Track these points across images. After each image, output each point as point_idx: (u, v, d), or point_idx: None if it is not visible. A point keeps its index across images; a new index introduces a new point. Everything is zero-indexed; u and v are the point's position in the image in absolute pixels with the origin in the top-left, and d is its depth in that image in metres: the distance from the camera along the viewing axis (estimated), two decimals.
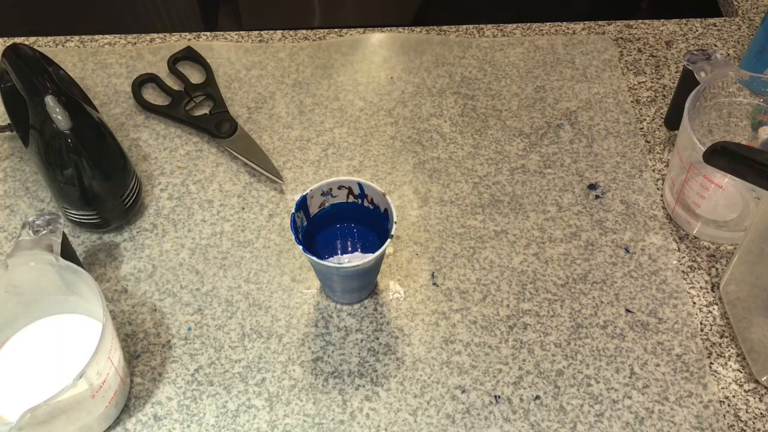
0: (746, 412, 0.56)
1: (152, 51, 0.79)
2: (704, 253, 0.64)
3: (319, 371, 0.58)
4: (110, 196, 0.63)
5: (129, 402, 0.56)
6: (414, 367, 0.58)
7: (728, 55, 0.79)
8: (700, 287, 0.62)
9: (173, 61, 0.78)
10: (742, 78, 0.63)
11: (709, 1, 0.87)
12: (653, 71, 0.78)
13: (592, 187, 0.68)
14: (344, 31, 0.81)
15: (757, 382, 0.57)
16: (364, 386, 0.57)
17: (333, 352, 0.59)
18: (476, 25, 0.82)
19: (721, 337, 0.60)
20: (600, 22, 0.83)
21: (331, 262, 0.54)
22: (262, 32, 0.81)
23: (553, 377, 0.57)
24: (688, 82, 0.64)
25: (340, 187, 0.59)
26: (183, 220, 0.67)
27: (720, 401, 0.56)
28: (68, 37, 0.81)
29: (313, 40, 0.80)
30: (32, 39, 0.81)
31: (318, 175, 0.69)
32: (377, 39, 0.81)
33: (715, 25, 0.82)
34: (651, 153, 0.71)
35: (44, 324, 0.58)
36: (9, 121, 0.69)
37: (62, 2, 0.89)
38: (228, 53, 0.79)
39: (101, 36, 0.81)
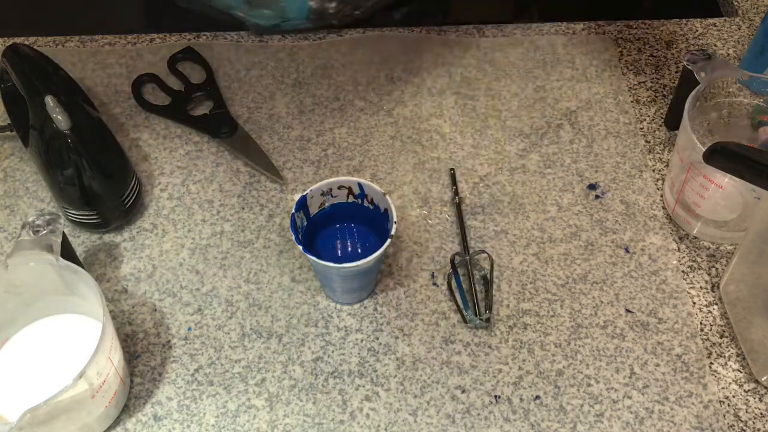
0: (746, 412, 0.56)
1: (152, 51, 0.79)
2: (704, 253, 0.64)
3: (319, 371, 0.58)
4: (110, 196, 0.63)
5: (129, 402, 0.56)
6: (414, 367, 0.58)
7: (728, 55, 0.79)
8: (700, 287, 0.62)
9: (173, 61, 0.78)
10: (742, 78, 0.63)
11: (709, 1, 0.87)
12: (653, 71, 0.78)
13: (592, 187, 0.69)
14: (344, 31, 0.81)
15: (757, 382, 0.57)
16: (364, 386, 0.57)
17: (333, 352, 0.59)
18: (476, 25, 0.82)
19: (721, 337, 0.60)
20: (600, 22, 0.83)
21: (331, 262, 0.54)
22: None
23: (553, 377, 0.57)
24: (688, 82, 0.64)
25: (340, 187, 0.59)
26: (183, 220, 0.67)
27: (720, 401, 0.56)
28: (68, 37, 0.81)
29: (313, 40, 0.80)
30: (32, 39, 0.81)
31: (318, 175, 0.69)
32: (377, 39, 0.81)
33: (715, 25, 0.82)
34: (651, 153, 0.71)
35: (44, 324, 0.58)
36: (9, 121, 0.69)
37: (62, 2, 0.89)
38: (228, 53, 0.79)
39: (101, 36, 0.81)
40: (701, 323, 0.60)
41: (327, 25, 0.80)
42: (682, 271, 0.63)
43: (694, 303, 0.61)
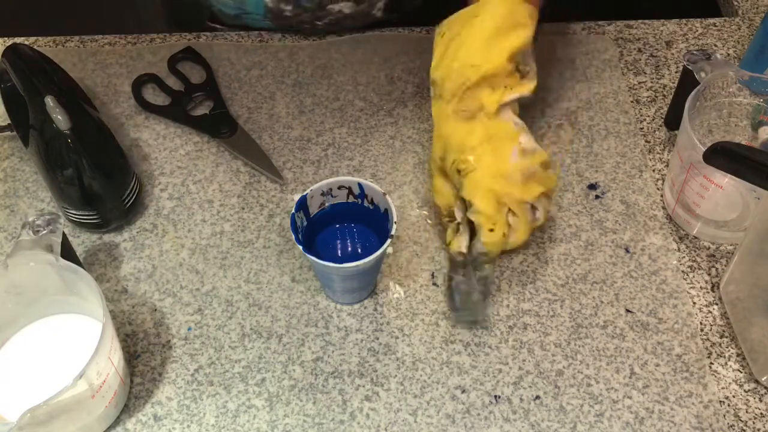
0: (746, 412, 0.56)
1: (152, 51, 0.79)
2: (704, 253, 0.64)
3: (319, 371, 0.58)
4: (110, 196, 0.63)
5: (129, 402, 0.56)
6: (414, 367, 0.58)
7: (728, 55, 0.79)
8: (700, 287, 0.62)
9: (173, 61, 0.78)
10: (742, 78, 0.63)
11: (709, 1, 0.87)
12: (653, 71, 0.78)
13: (592, 187, 0.69)
14: (344, 31, 0.81)
15: (757, 382, 0.57)
16: (364, 386, 0.57)
17: (333, 352, 0.59)
18: None
19: (721, 337, 0.60)
20: (600, 22, 0.83)
21: (331, 262, 0.54)
22: (262, 32, 0.81)
23: (553, 377, 0.57)
24: (688, 82, 0.64)
25: (340, 187, 0.59)
26: (183, 220, 0.67)
27: (720, 401, 0.56)
28: (68, 37, 0.81)
29: (313, 40, 0.80)
30: (32, 39, 0.81)
31: (318, 175, 0.69)
32: (377, 39, 0.80)
33: (715, 25, 0.82)
34: (651, 153, 0.71)
35: (44, 324, 0.58)
36: (9, 121, 0.69)
37: (62, 2, 0.89)
38: (228, 53, 0.79)
39: (101, 36, 0.81)
40: (701, 323, 0.60)
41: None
42: (682, 271, 0.63)
43: (694, 303, 0.61)
